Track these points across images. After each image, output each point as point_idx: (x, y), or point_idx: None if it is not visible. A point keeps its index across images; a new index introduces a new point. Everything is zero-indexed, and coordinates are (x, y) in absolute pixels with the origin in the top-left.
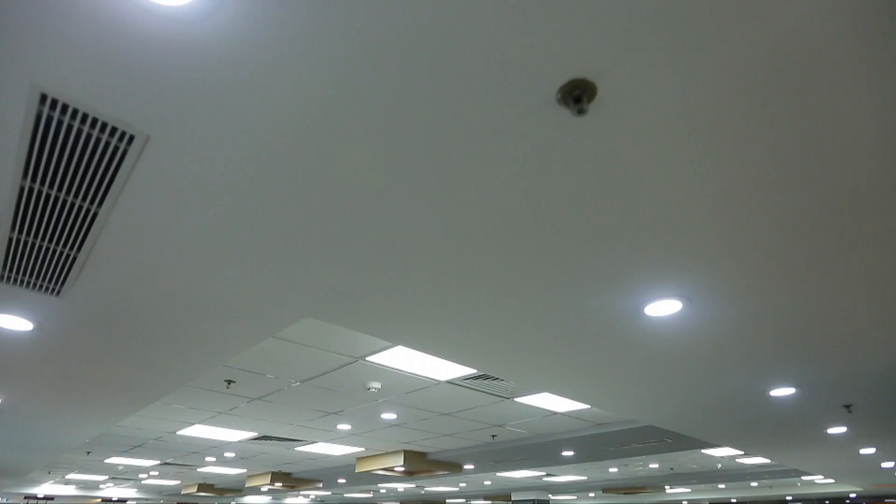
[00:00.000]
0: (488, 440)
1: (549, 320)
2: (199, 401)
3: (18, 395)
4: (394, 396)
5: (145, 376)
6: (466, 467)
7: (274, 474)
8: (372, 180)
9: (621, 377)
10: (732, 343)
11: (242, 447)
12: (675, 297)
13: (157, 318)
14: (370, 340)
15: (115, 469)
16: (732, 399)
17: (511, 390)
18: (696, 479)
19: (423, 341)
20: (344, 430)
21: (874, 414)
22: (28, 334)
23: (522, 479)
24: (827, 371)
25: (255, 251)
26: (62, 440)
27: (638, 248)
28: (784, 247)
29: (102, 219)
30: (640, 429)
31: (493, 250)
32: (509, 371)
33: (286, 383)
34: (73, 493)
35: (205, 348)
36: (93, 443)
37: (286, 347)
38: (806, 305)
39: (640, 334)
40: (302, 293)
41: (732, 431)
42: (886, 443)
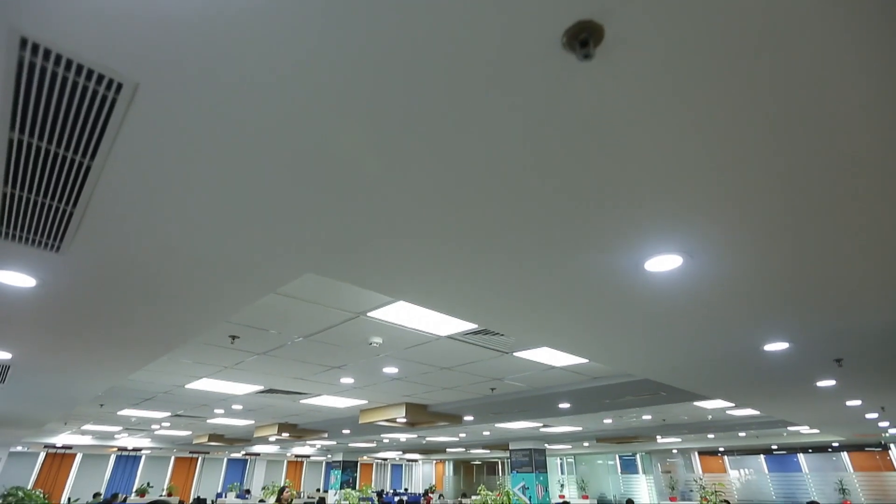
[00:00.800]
0: (487, 393)
1: (550, 276)
2: (205, 356)
3: (28, 350)
4: (395, 351)
5: (149, 332)
6: (466, 419)
7: (281, 425)
8: (371, 133)
9: (620, 332)
10: (730, 298)
11: (249, 400)
12: (676, 253)
13: (158, 274)
14: (371, 296)
15: (129, 420)
16: (727, 353)
17: (510, 345)
18: (686, 430)
19: (423, 296)
20: (347, 384)
21: (863, 367)
22: (31, 291)
23: (520, 429)
24: (821, 326)
25: (254, 206)
26: (74, 393)
27: (641, 202)
28: (785, 203)
29: (96, 173)
30: (636, 382)
31: (494, 205)
32: (509, 326)
33: (289, 339)
34: (90, 442)
35: (207, 305)
36: (105, 396)
37: (288, 303)
38: (804, 262)
39: (640, 290)
40: (302, 248)
41: (726, 385)
42: (872, 395)
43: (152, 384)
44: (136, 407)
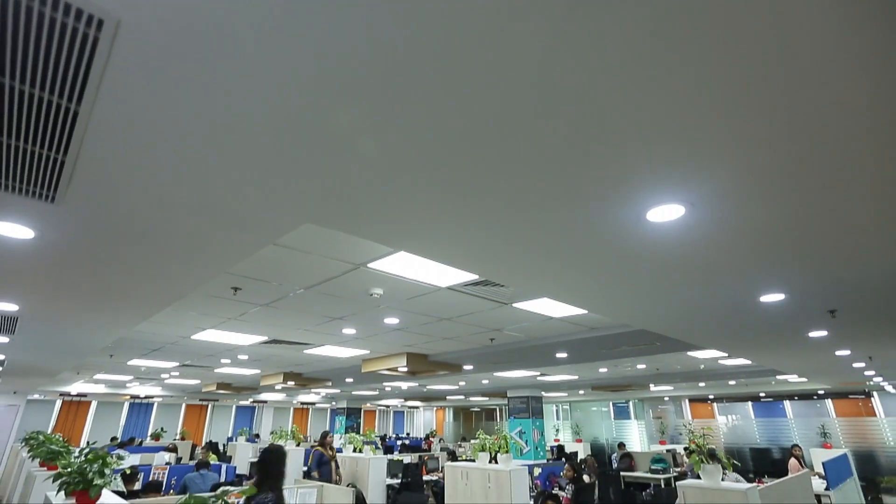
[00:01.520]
0: (487, 343)
1: (551, 226)
2: (208, 307)
3: (33, 302)
4: (395, 302)
5: (151, 284)
6: (466, 368)
7: (286, 374)
8: (368, 73)
9: (620, 283)
10: (730, 249)
11: (254, 350)
12: (678, 202)
13: (157, 226)
14: (371, 247)
15: (139, 370)
16: (724, 304)
17: (510, 296)
18: (679, 379)
19: (423, 247)
20: (349, 334)
21: (855, 319)
22: (31, 242)
23: (518, 378)
24: (817, 277)
25: (249, 156)
26: (83, 344)
27: (644, 150)
28: (788, 153)
29: (84, 119)
30: (632, 333)
31: (494, 153)
32: (509, 277)
33: (290, 290)
34: (104, 391)
35: (207, 255)
36: (113, 347)
37: (288, 255)
38: (805, 213)
39: (641, 240)
40: (300, 198)
41: (721, 335)
42: (861, 345)
43: (159, 335)
44: (145, 357)
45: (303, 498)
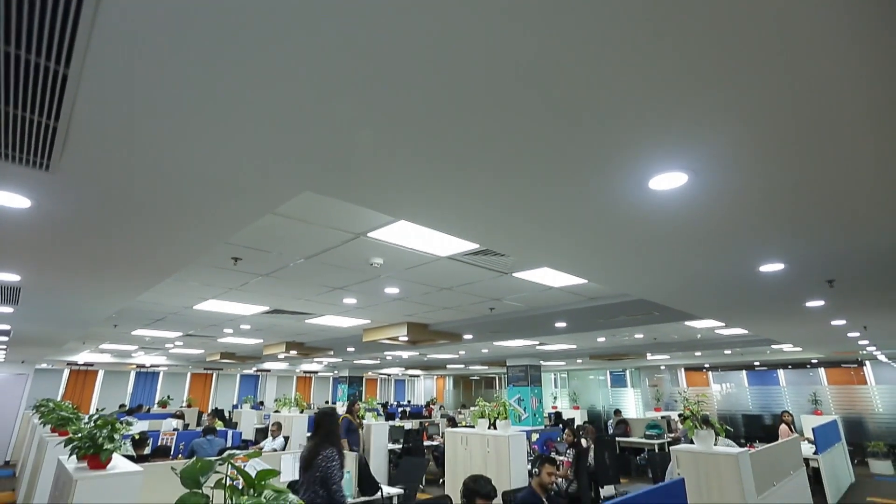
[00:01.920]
0: (486, 313)
1: (551, 195)
2: (209, 277)
3: (35, 272)
4: (396, 272)
5: (151, 254)
6: (466, 337)
7: (288, 343)
8: (366, 32)
9: (621, 252)
10: (732, 218)
11: (256, 320)
12: (681, 170)
13: (155, 194)
14: (371, 217)
15: (143, 340)
16: (724, 274)
17: (510, 266)
18: (675, 348)
19: (424, 216)
20: (350, 304)
21: (853, 289)
22: (28, 212)
23: (517, 347)
24: (817, 247)
25: (247, 123)
26: (86, 314)
27: (646, 116)
28: (791, 117)
29: (74, 82)
30: (631, 302)
31: (495, 121)
32: (510, 246)
33: (291, 260)
34: (110, 360)
35: (205, 225)
36: (117, 317)
37: (288, 224)
38: (807, 181)
39: (643, 209)
40: (299, 167)
41: (719, 305)
42: (857, 315)
43: (162, 305)
44: (149, 327)
45: None
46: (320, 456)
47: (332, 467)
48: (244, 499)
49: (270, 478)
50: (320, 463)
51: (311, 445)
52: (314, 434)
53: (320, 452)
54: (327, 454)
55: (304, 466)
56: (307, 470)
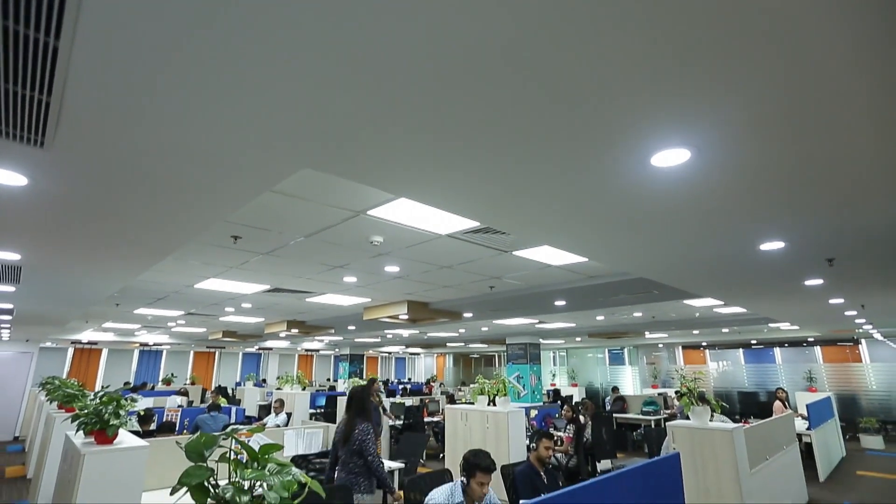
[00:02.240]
0: (486, 291)
1: (553, 173)
2: (210, 256)
3: (34, 251)
4: (396, 250)
5: (149, 232)
6: (465, 315)
7: (289, 322)
8: (366, 9)
9: (622, 230)
10: (734, 195)
11: (257, 298)
12: (684, 146)
13: (152, 172)
14: (370, 195)
15: (145, 319)
16: (725, 252)
17: (510, 244)
18: (674, 326)
19: (424, 194)
20: (350, 283)
21: (852, 267)
22: (25, 190)
23: (517, 325)
24: (818, 225)
25: (244, 97)
26: (87, 293)
27: (648, 91)
28: (796, 95)
29: (65, 55)
30: (630, 281)
31: (495, 98)
32: (511, 224)
33: (290, 238)
34: (113, 338)
35: (203, 202)
36: (119, 296)
37: (287, 202)
38: (809, 158)
39: (645, 186)
40: (299, 143)
41: (718, 284)
42: (855, 293)
43: (163, 284)
44: (151, 306)
45: (309, 438)
46: (356, 430)
47: (367, 440)
48: (248, 472)
49: (273, 452)
50: (357, 437)
51: (346, 421)
52: (347, 410)
53: (356, 427)
54: (362, 428)
55: (342, 440)
56: (345, 444)
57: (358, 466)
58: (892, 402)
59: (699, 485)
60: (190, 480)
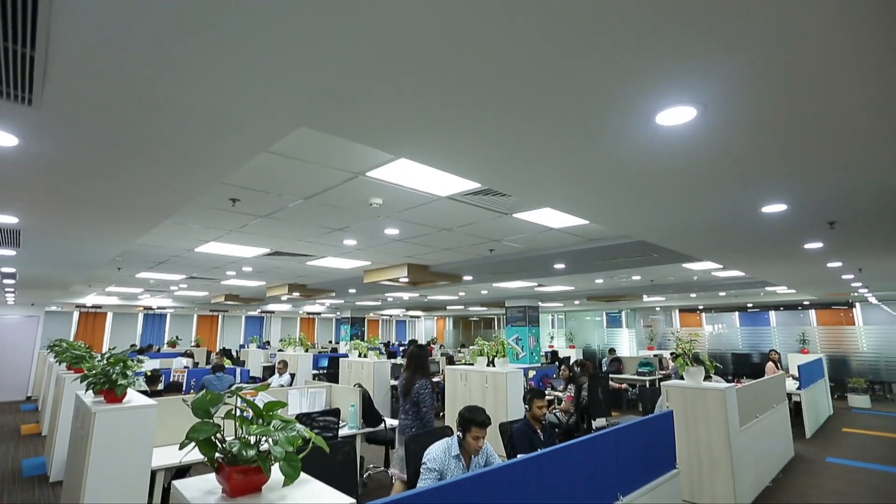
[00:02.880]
0: (486, 254)
1: (556, 131)
2: (209, 220)
3: (32, 214)
4: (395, 212)
5: (145, 195)
6: (465, 278)
7: (291, 285)
8: None
9: (625, 192)
10: (738, 156)
11: (258, 262)
12: (690, 103)
13: (144, 131)
14: (370, 155)
15: (148, 283)
16: (727, 215)
17: (510, 206)
18: (671, 290)
19: (424, 154)
20: (350, 246)
21: (853, 230)
22: (16, 150)
23: (516, 288)
24: (821, 187)
25: (240, 54)
26: (88, 257)
27: (654, 44)
28: (805, 52)
29: (46, 4)
30: (630, 244)
31: (496, 56)
32: (513, 185)
33: (289, 201)
34: (117, 302)
35: (198, 164)
36: (120, 260)
37: (285, 164)
38: (816, 118)
39: (649, 146)
40: (295, 101)
41: (718, 247)
42: (853, 257)
43: (163, 248)
44: (152, 270)
45: (312, 397)
46: (416, 385)
47: (425, 394)
48: (253, 427)
49: (277, 409)
50: (416, 391)
51: (406, 377)
52: (406, 368)
53: (416, 383)
54: (422, 384)
55: (403, 394)
56: (405, 396)
57: (412, 415)
58: (881, 363)
59: (690, 441)
60: (197, 435)
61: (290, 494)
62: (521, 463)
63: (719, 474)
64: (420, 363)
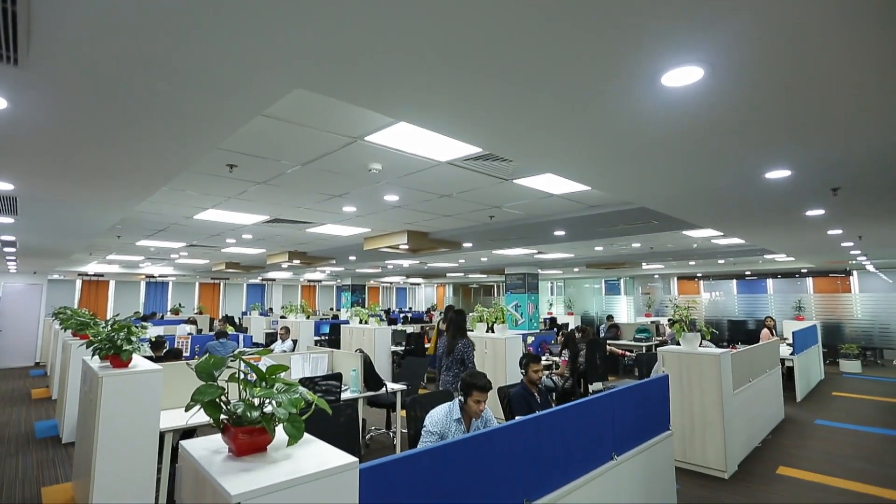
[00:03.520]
0: (486, 221)
1: (562, 93)
2: (207, 186)
3: (27, 181)
4: (395, 178)
5: (140, 161)
6: (465, 245)
7: (291, 253)
8: None
9: (628, 157)
10: (745, 118)
11: (257, 229)
12: (697, 63)
13: (136, 93)
14: (368, 119)
15: (148, 250)
16: (730, 181)
17: (511, 172)
18: (671, 258)
19: (424, 117)
20: (350, 212)
21: (856, 197)
22: (6, 114)
23: (516, 255)
24: (826, 152)
25: (235, 10)
26: (86, 224)
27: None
28: (807, 6)
29: None
30: (631, 211)
31: (499, 10)
32: (514, 150)
33: (288, 166)
34: (119, 270)
35: (193, 126)
36: (120, 228)
37: (283, 128)
38: (823, 77)
39: (653, 109)
40: (291, 61)
41: (720, 214)
42: (854, 224)
43: (162, 215)
44: (152, 238)
45: (315, 362)
46: (459, 344)
47: (468, 351)
48: (257, 390)
49: (280, 372)
50: (460, 349)
51: (449, 337)
52: (448, 329)
53: (458, 342)
54: (465, 342)
55: (447, 353)
56: (449, 355)
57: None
58: (874, 329)
59: (684, 404)
60: (202, 397)
61: (294, 453)
62: (520, 424)
63: (711, 436)
64: (459, 326)
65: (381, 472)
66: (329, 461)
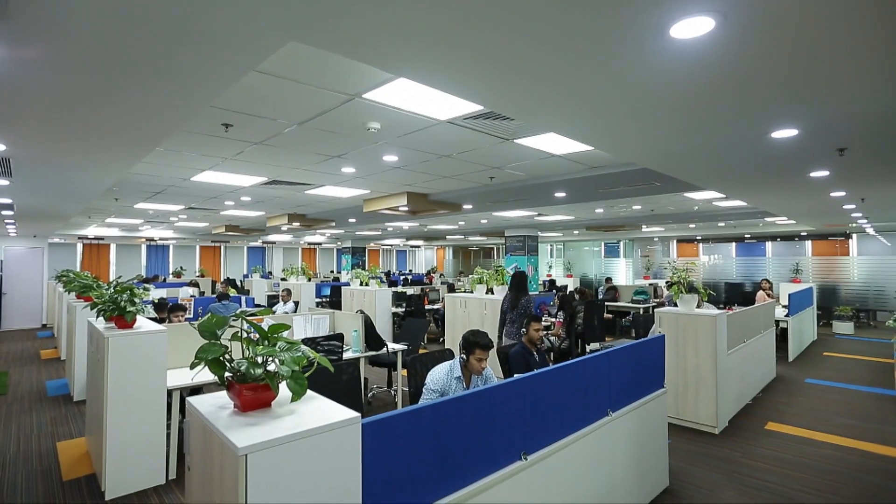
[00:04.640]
0: (486, 182)
1: (566, 46)
2: (202, 147)
3: (18, 140)
4: (394, 138)
5: (131, 119)
6: (465, 207)
7: (290, 215)
8: None
9: (633, 115)
10: (755, 73)
11: (256, 191)
12: (708, 13)
13: (124, 47)
14: (366, 76)
15: (147, 213)
16: (735, 140)
17: (512, 131)
18: (671, 220)
19: (425, 71)
20: (349, 173)
21: (863, 158)
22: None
23: (516, 217)
24: (835, 111)
25: None
26: (83, 186)
27: None
28: None
29: None
30: (632, 172)
31: None
32: (517, 107)
33: (285, 126)
34: (119, 234)
35: (184, 82)
36: (117, 190)
37: (278, 85)
38: (835, 33)
39: (661, 63)
40: (283, 9)
41: (724, 175)
42: (857, 186)
43: (160, 177)
44: (150, 201)
45: (316, 323)
46: (522, 300)
47: (531, 306)
48: (259, 348)
49: (282, 331)
50: (523, 304)
51: (512, 296)
52: (511, 288)
53: (521, 298)
54: (528, 298)
55: (511, 307)
56: (513, 310)
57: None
58: (869, 292)
59: (679, 364)
60: (206, 355)
61: (298, 409)
62: (518, 381)
63: (704, 394)
64: (521, 284)
65: (383, 427)
66: (332, 416)
